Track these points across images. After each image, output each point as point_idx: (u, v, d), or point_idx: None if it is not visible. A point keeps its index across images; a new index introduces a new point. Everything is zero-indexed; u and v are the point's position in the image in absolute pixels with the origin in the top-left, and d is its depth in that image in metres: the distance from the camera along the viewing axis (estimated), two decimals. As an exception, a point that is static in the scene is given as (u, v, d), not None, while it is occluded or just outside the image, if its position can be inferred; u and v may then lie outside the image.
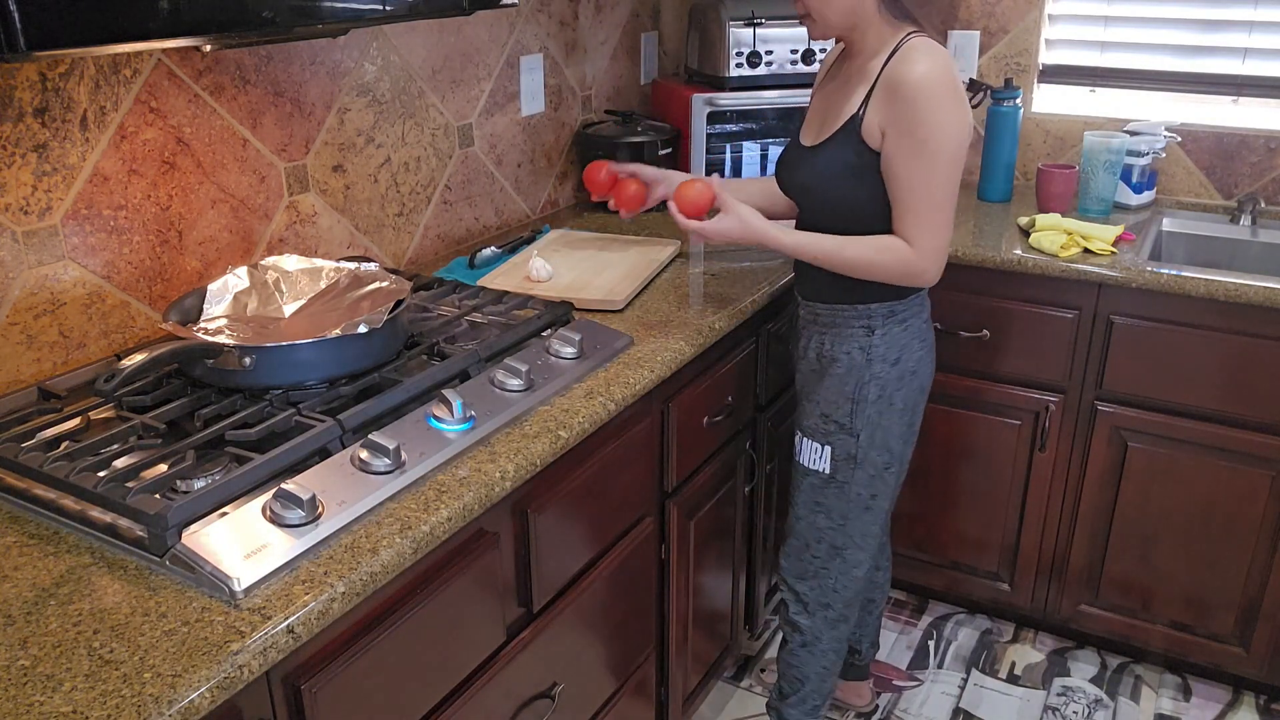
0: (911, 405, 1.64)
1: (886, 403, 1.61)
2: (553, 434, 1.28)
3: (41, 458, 1.12)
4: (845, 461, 1.65)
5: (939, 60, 1.44)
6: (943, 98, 1.43)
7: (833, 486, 1.67)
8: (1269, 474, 1.95)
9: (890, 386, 1.60)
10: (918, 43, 1.45)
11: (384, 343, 1.35)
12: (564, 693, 1.45)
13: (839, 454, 1.65)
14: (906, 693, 2.20)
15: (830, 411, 1.63)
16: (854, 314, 1.59)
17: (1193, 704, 2.17)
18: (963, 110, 1.46)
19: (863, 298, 1.58)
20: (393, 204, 1.91)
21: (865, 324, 1.59)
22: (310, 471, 1.13)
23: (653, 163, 2.26)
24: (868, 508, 1.68)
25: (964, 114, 1.47)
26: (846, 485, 1.66)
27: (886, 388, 1.60)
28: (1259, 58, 2.27)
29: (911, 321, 1.61)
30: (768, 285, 1.83)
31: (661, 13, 2.66)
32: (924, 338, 1.64)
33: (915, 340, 1.61)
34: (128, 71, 1.39)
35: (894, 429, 1.63)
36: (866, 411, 1.61)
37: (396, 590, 1.11)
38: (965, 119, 1.47)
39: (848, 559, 1.72)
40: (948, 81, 1.44)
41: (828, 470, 1.66)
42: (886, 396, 1.61)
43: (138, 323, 1.48)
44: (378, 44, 1.80)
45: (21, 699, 0.84)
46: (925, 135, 1.43)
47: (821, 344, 1.64)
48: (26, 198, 1.31)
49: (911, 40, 1.46)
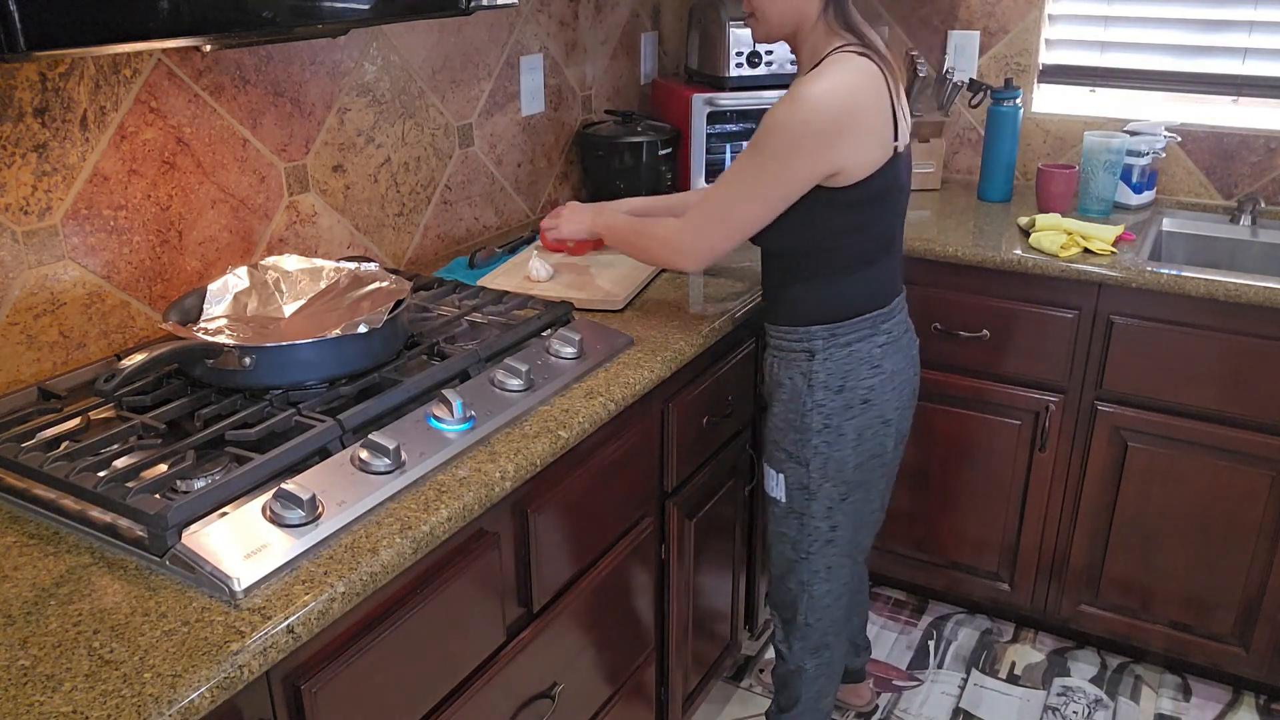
0: (870, 436, 1.54)
1: (835, 433, 1.53)
2: (553, 434, 1.28)
3: (41, 458, 1.12)
4: (799, 491, 1.59)
5: (829, 83, 1.37)
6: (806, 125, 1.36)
7: (792, 517, 1.62)
8: (1269, 474, 1.95)
9: (837, 416, 1.52)
10: (837, 57, 1.39)
11: (384, 343, 1.35)
12: (564, 693, 1.45)
13: (792, 483, 1.59)
14: (906, 693, 2.20)
15: (779, 439, 1.59)
16: (795, 336, 1.53)
17: (1193, 704, 2.17)
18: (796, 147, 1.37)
19: (803, 319, 1.52)
20: (393, 204, 1.91)
21: (806, 347, 1.52)
22: (310, 471, 1.13)
23: (652, 162, 2.27)
24: (829, 540, 1.62)
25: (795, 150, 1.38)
26: (804, 516, 1.61)
27: (832, 417, 1.52)
28: (1259, 58, 2.27)
29: (858, 346, 1.51)
30: (768, 285, 1.83)
31: (661, 13, 2.66)
32: (877, 364, 1.52)
33: (864, 366, 1.51)
34: (128, 71, 1.39)
35: (848, 460, 1.55)
36: (813, 441, 1.54)
37: (396, 590, 1.11)
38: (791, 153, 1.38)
39: (815, 593, 1.67)
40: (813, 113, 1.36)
41: (784, 499, 1.62)
42: (834, 426, 1.52)
43: (138, 323, 1.48)
44: (378, 44, 1.80)
45: (21, 699, 0.84)
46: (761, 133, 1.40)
47: (772, 367, 1.59)
48: (26, 198, 1.31)
49: (833, 55, 1.40)
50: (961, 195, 2.46)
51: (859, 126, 1.39)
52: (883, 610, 2.47)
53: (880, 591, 2.55)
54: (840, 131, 1.38)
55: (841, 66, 1.39)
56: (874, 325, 1.51)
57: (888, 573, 2.46)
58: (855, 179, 1.41)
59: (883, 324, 1.52)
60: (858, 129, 1.39)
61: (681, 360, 1.56)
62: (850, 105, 1.38)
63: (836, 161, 1.39)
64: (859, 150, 1.40)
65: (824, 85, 1.37)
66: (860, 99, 1.39)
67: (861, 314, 1.51)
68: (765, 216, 1.45)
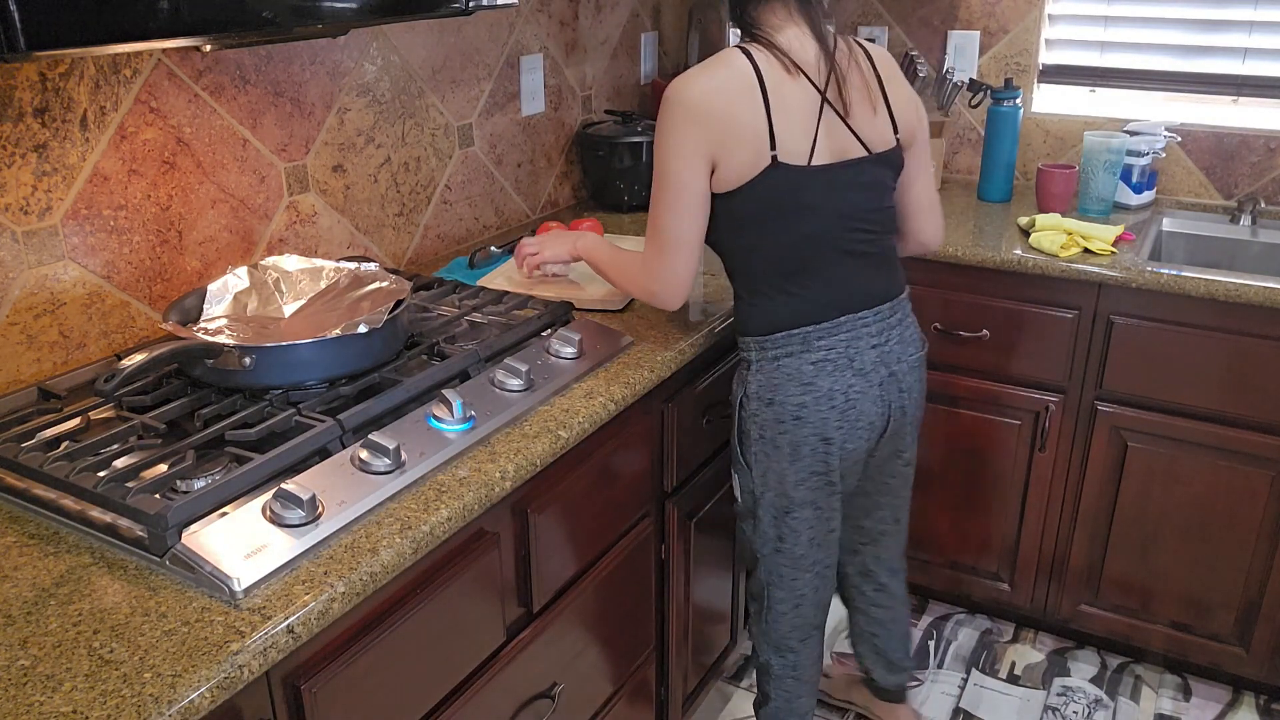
0: (809, 453, 1.51)
1: (770, 444, 1.53)
2: (553, 434, 1.28)
3: (41, 458, 1.12)
4: (748, 495, 1.61)
5: (696, 77, 1.40)
6: (666, 119, 1.40)
7: (747, 519, 1.64)
8: (1269, 474, 1.95)
9: (770, 429, 1.52)
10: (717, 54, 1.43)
11: (384, 343, 1.35)
12: (564, 693, 1.45)
13: (742, 487, 1.62)
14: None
15: (733, 443, 1.61)
16: (741, 345, 1.55)
17: (1193, 704, 2.17)
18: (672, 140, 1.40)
19: (741, 329, 1.54)
20: (393, 204, 1.91)
21: (744, 357, 1.54)
22: (310, 471, 1.13)
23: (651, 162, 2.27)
24: (777, 550, 1.62)
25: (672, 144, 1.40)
26: (755, 520, 1.62)
27: (766, 429, 1.52)
28: (1259, 58, 2.27)
29: (786, 361, 1.49)
30: (768, 285, 1.83)
31: (661, 13, 2.66)
32: (808, 381, 1.48)
33: (792, 383, 1.49)
34: (128, 71, 1.39)
35: (787, 475, 1.54)
36: (752, 449, 1.56)
37: (396, 590, 1.11)
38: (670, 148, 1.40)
39: (771, 597, 1.67)
40: (674, 105, 1.40)
41: (738, 500, 1.64)
42: (769, 438, 1.53)
43: (138, 323, 1.48)
44: (378, 44, 1.80)
45: (21, 699, 0.84)
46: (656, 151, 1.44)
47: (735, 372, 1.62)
48: (26, 198, 1.31)
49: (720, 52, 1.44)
50: (961, 195, 2.46)
51: (714, 117, 1.38)
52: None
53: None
54: (696, 118, 1.39)
55: (709, 61, 1.43)
56: (805, 342, 1.48)
57: (888, 573, 2.46)
58: (728, 181, 1.42)
59: (817, 341, 1.48)
60: (713, 120, 1.39)
61: (681, 360, 1.56)
62: (704, 92, 1.39)
63: (702, 148, 1.39)
64: (722, 144, 1.39)
65: (680, 77, 1.42)
66: (717, 90, 1.39)
67: (787, 329, 1.49)
68: (689, 222, 1.44)
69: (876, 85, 1.50)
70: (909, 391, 1.58)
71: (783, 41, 1.43)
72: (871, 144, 1.48)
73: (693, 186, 1.42)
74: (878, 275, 1.53)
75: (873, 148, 1.48)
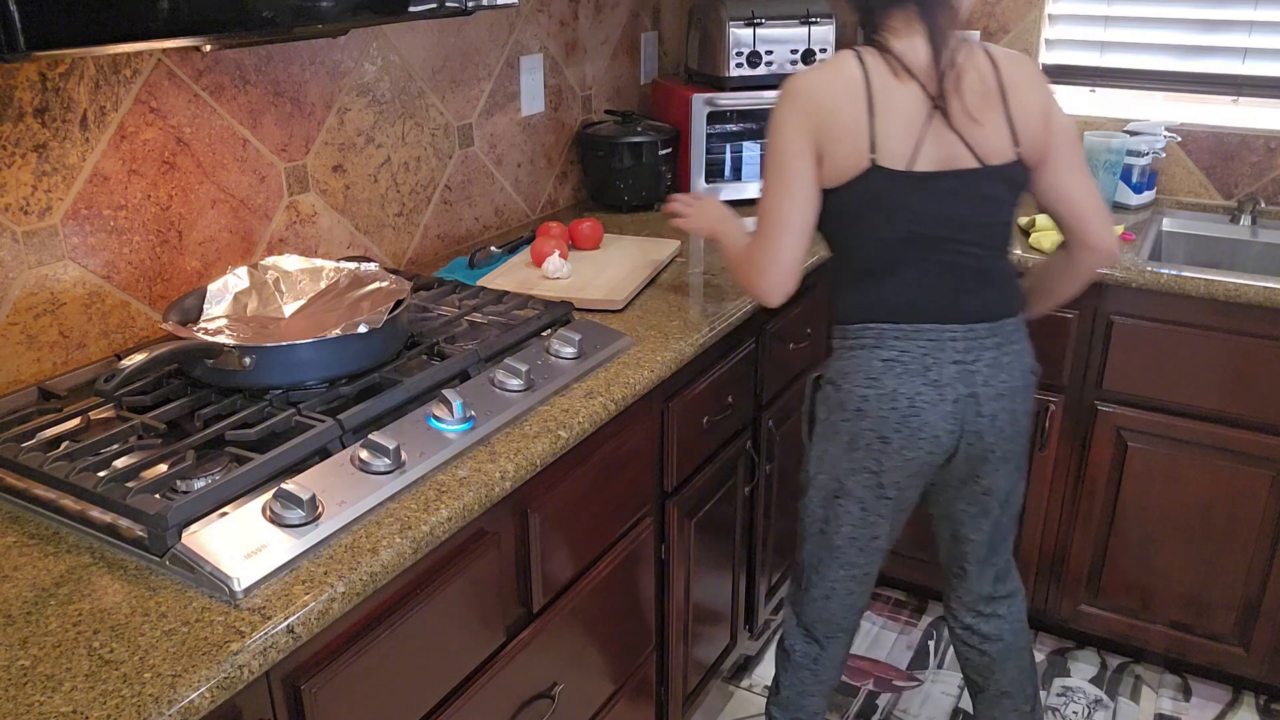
0: (864, 446, 1.50)
1: (832, 429, 1.54)
2: (553, 434, 1.28)
3: (41, 458, 1.12)
4: (805, 472, 1.63)
5: (807, 73, 1.44)
6: (777, 110, 1.46)
7: (802, 496, 1.65)
8: (1269, 474, 1.95)
9: (834, 414, 1.53)
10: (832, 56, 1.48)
11: (384, 343, 1.35)
12: (564, 693, 1.45)
13: (806, 461, 1.63)
14: (906, 693, 2.20)
15: (803, 416, 1.65)
16: (833, 329, 1.57)
17: (1193, 704, 2.17)
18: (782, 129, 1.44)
19: (833, 315, 1.56)
20: (393, 204, 1.91)
21: (832, 340, 1.56)
22: (310, 471, 1.13)
23: (652, 162, 2.27)
24: (821, 531, 1.61)
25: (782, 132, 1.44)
26: (807, 499, 1.63)
27: (831, 414, 1.53)
28: (1259, 58, 2.27)
29: (859, 353, 1.49)
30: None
31: (661, 13, 2.66)
32: (874, 377, 1.48)
33: (859, 375, 1.49)
34: (128, 71, 1.39)
35: (841, 462, 1.54)
36: (817, 429, 1.58)
37: (396, 590, 1.11)
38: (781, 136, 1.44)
39: (808, 580, 1.67)
40: (784, 96, 1.44)
41: (801, 474, 1.66)
42: (832, 423, 1.54)
43: (138, 323, 1.48)
44: (378, 44, 1.80)
45: (21, 699, 0.84)
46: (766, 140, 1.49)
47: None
48: (26, 198, 1.31)
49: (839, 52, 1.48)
50: (961, 195, 2.45)
51: (818, 112, 1.41)
52: (883, 610, 2.47)
53: (880, 591, 2.55)
54: (801, 109, 1.42)
55: (823, 61, 1.46)
56: (879, 338, 1.48)
57: (888, 573, 2.46)
58: (831, 178, 1.44)
59: (892, 340, 1.48)
60: (816, 113, 1.42)
61: (681, 360, 1.56)
62: (811, 86, 1.43)
63: (808, 137, 1.42)
64: (825, 138, 1.42)
65: (796, 73, 1.47)
66: (824, 86, 1.42)
67: (863, 321, 1.49)
68: (790, 207, 1.46)
69: (997, 95, 1.43)
70: (992, 418, 1.50)
71: (898, 47, 1.42)
72: (985, 155, 1.42)
73: (798, 174, 1.44)
74: (977, 292, 1.48)
75: (986, 159, 1.43)
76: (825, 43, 2.34)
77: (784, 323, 1.98)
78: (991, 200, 1.45)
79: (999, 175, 1.44)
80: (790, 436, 2.15)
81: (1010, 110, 1.43)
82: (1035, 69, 1.49)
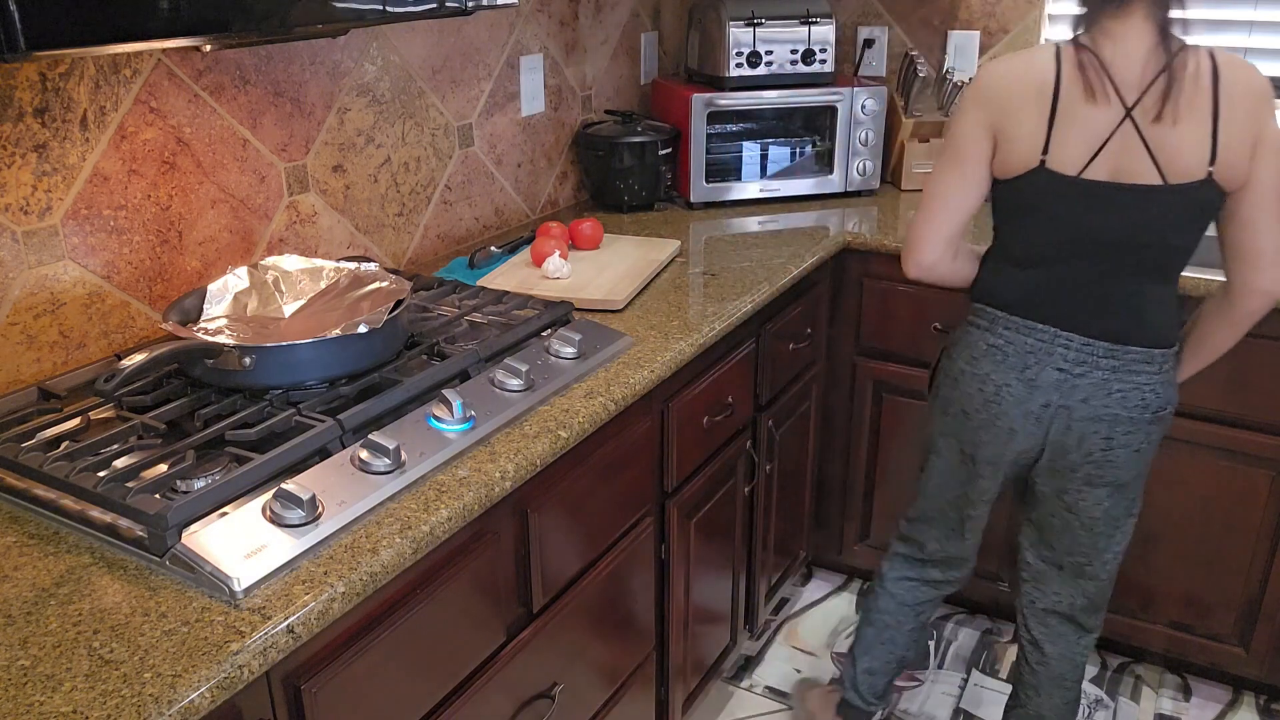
0: (956, 412, 1.60)
1: (945, 378, 1.63)
2: (553, 434, 1.28)
3: (41, 458, 1.12)
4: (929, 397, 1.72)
5: (1000, 61, 1.46)
6: (964, 92, 1.53)
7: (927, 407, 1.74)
8: (1269, 474, 1.95)
9: (949, 372, 1.62)
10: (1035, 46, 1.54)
11: (384, 343, 1.35)
12: (564, 693, 1.45)
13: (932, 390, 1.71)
14: (906, 693, 2.20)
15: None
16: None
17: (1193, 704, 2.17)
18: (964, 116, 1.47)
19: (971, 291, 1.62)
20: (393, 204, 1.91)
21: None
22: (310, 471, 1.13)
23: (652, 162, 2.27)
24: (922, 469, 1.75)
25: (964, 119, 1.47)
26: (928, 418, 1.72)
27: (948, 369, 1.62)
28: (1259, 58, 2.27)
29: (972, 331, 1.57)
30: (768, 285, 1.83)
31: (661, 13, 2.66)
32: (975, 357, 1.55)
33: (967, 351, 1.57)
34: (128, 71, 1.40)
35: (937, 420, 1.66)
36: (939, 377, 1.66)
37: (396, 590, 1.11)
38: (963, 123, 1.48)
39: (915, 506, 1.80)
40: (974, 84, 1.48)
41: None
42: (940, 384, 1.64)
43: (138, 323, 1.48)
44: (378, 44, 1.80)
45: (21, 699, 0.84)
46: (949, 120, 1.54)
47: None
48: (26, 198, 1.31)
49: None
50: (961, 195, 2.45)
51: (999, 104, 1.43)
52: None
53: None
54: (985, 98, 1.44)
55: (1023, 50, 1.46)
56: (991, 322, 1.54)
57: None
58: (1001, 170, 1.46)
59: (1003, 329, 1.51)
60: (997, 105, 1.43)
61: (681, 360, 1.56)
62: (999, 77, 1.43)
63: (985, 123, 1.45)
64: (1001, 129, 1.43)
65: (996, 60, 1.47)
66: (1014, 79, 1.42)
67: (984, 303, 1.56)
68: (952, 185, 1.49)
69: (1208, 108, 1.33)
70: (1080, 437, 1.49)
71: (1107, 53, 1.36)
72: (1170, 172, 1.35)
73: (969, 157, 1.47)
74: (1112, 311, 1.44)
75: (1170, 176, 1.35)
76: (825, 43, 2.34)
77: (784, 323, 1.98)
78: (1164, 221, 1.38)
79: (1181, 194, 1.36)
80: (790, 436, 2.15)
81: (1219, 125, 1.33)
82: (1262, 85, 1.36)
